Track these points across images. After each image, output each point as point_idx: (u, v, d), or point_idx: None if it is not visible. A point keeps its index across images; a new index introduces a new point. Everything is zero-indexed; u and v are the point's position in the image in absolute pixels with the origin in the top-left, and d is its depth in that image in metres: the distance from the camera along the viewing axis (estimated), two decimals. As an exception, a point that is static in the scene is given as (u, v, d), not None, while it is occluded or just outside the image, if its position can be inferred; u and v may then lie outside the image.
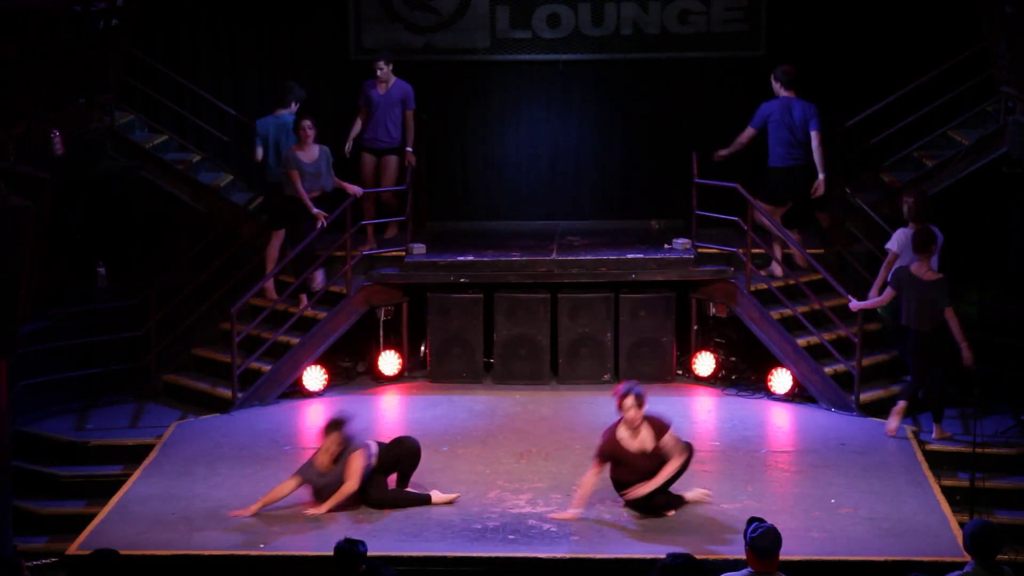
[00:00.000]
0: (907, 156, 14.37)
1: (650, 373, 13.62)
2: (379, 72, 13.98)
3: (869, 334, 13.10)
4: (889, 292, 11.98)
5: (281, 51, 15.12)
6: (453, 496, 10.66)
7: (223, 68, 15.10)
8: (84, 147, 13.18)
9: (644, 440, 10.20)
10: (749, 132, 13.46)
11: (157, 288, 13.70)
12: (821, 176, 13.26)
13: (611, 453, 10.26)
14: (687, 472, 10.39)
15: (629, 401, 10.13)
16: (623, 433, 10.23)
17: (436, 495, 10.65)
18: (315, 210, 13.16)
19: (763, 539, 7.14)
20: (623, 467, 10.29)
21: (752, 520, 7.30)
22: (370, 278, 13.74)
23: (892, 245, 12.30)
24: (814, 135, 13.21)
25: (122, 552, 7.86)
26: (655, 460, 10.20)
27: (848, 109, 14.13)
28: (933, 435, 11.97)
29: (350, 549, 8.31)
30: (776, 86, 13.40)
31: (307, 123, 13.17)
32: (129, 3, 13.58)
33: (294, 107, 13.81)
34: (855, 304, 12.43)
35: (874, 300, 12.30)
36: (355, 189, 13.55)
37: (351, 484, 10.43)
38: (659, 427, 10.23)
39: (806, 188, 13.35)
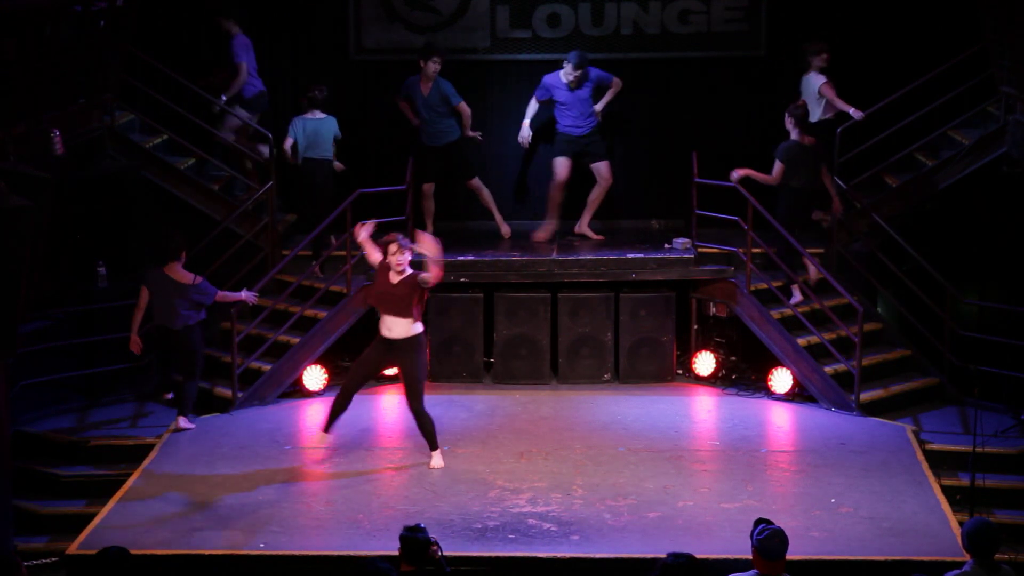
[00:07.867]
0: (907, 156, 14.36)
1: (650, 373, 13.65)
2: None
3: (869, 334, 13.11)
4: (779, 167, 12.95)
5: (281, 51, 15.11)
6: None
7: (223, 68, 15.06)
8: (84, 147, 13.18)
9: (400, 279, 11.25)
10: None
11: (157, 288, 13.68)
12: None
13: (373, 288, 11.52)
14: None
15: (393, 248, 11.19)
16: (387, 276, 11.30)
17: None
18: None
19: (770, 541, 7.14)
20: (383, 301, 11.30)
21: (759, 521, 7.29)
22: (370, 278, 13.72)
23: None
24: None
25: (122, 552, 7.86)
26: (404, 290, 11.20)
27: (848, 109, 14.13)
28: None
29: (412, 536, 7.74)
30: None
31: None
32: (129, 3, 13.57)
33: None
34: (737, 174, 13.09)
35: (760, 175, 13.05)
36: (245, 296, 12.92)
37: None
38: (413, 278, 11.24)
39: None
